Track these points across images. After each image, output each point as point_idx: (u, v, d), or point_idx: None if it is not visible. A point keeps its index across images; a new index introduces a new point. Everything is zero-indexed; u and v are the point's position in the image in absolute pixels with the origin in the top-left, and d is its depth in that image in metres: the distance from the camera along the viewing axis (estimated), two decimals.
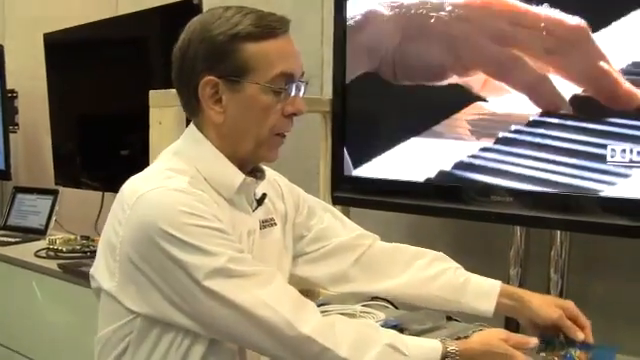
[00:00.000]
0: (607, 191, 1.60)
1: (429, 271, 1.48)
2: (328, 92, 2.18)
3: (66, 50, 3.18)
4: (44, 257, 2.81)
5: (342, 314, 1.82)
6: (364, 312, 1.85)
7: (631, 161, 1.56)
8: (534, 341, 1.27)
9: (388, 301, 1.96)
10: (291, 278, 1.43)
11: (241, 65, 1.18)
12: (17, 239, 3.19)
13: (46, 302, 2.72)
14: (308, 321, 1.12)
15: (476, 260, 2.11)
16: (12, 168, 3.67)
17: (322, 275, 1.49)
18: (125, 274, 1.17)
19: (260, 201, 1.31)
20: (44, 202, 3.32)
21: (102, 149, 3.01)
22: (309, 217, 1.49)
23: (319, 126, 2.21)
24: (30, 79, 3.55)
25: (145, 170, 1.25)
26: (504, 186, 1.76)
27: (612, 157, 1.59)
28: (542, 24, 1.66)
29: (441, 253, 1.55)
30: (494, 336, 1.24)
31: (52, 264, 2.66)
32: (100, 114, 2.98)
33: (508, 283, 1.95)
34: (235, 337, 1.17)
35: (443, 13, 1.82)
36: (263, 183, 1.34)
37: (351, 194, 2.08)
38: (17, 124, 3.68)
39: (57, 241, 2.87)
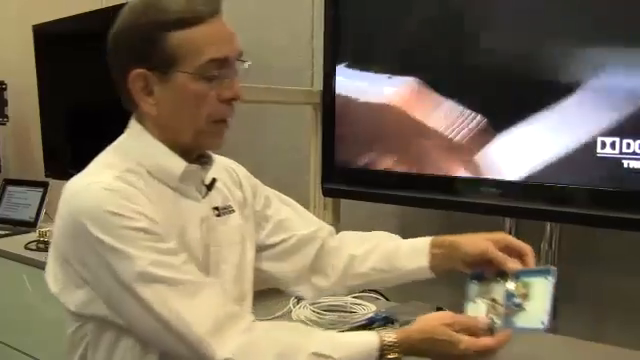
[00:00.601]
0: (597, 183, 1.60)
1: (361, 251, 1.41)
2: (318, 84, 2.18)
3: (55, 42, 3.16)
4: (34, 249, 2.80)
5: (333, 306, 1.83)
6: (355, 304, 1.85)
7: (621, 152, 1.56)
8: (484, 321, 1.18)
9: (379, 293, 1.97)
10: (256, 272, 1.39)
11: (168, 55, 1.13)
12: (7, 231, 3.18)
13: (36, 294, 2.71)
14: (228, 344, 1.07)
15: None
16: (2, 160, 3.66)
17: (287, 272, 1.43)
18: (65, 276, 1.15)
19: (210, 187, 1.27)
20: (34, 194, 3.31)
21: (92, 141, 2.98)
22: (266, 206, 1.43)
23: (310, 118, 2.21)
24: (19, 71, 3.53)
25: (87, 167, 1.23)
26: (493, 178, 1.76)
27: (602, 149, 1.58)
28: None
29: (382, 232, 1.48)
30: (437, 321, 1.15)
31: (42, 256, 2.63)
32: (90, 106, 2.96)
33: None
34: (160, 346, 1.13)
35: None
36: (218, 170, 1.31)
37: (341, 186, 2.08)
38: (7, 116, 3.66)
39: (47, 233, 2.85)
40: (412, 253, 1.36)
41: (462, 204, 1.83)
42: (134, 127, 1.23)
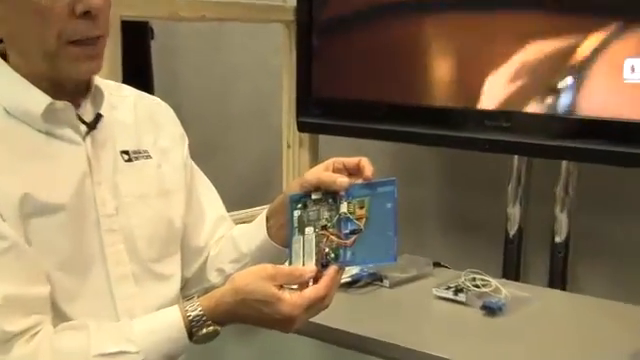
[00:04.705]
0: (623, 114, 1.51)
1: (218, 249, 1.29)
2: None
3: None
4: None
5: None
6: None
7: None
8: (310, 269, 1.03)
9: None
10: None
11: None
12: None
13: None
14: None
15: (470, 196, 2.11)
16: None
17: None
18: None
19: (92, 125, 1.10)
20: None
21: None
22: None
23: (282, 38, 2.07)
24: None
25: None
26: (500, 109, 1.65)
27: (631, 74, 1.47)
28: None
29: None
30: (253, 276, 1.01)
31: None
32: None
33: (506, 223, 1.94)
34: None
35: None
36: (128, 107, 1.18)
37: (320, 119, 1.97)
38: None
39: None
40: (252, 233, 1.23)
41: (462, 140, 1.72)
42: None
